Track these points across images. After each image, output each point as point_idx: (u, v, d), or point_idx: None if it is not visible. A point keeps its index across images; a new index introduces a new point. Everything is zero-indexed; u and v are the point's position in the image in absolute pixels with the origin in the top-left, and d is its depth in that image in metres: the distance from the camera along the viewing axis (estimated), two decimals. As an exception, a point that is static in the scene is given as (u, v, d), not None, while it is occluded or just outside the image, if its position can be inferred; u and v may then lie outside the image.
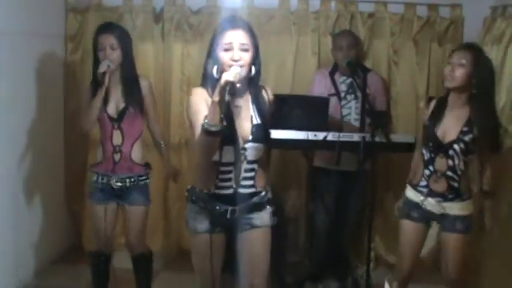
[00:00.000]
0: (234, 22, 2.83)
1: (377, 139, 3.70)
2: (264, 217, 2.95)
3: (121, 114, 3.60)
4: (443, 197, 3.31)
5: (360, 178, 4.14)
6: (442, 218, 3.33)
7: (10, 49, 4.02)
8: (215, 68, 2.76)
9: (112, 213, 3.70)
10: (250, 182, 2.90)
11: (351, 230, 4.64)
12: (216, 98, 2.54)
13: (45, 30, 4.63)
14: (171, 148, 4.90)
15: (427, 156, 3.34)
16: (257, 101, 2.89)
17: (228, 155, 2.79)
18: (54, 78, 4.79)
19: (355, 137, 3.85)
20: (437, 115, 3.32)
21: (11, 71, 4.04)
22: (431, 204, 3.33)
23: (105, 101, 3.57)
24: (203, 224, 2.92)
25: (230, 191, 2.87)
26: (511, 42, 4.02)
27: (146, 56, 4.89)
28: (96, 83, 3.54)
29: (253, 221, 2.93)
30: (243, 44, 2.75)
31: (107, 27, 3.65)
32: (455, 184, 3.28)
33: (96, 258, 3.80)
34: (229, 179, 2.86)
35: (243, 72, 2.72)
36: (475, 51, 3.27)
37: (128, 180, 3.64)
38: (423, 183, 3.37)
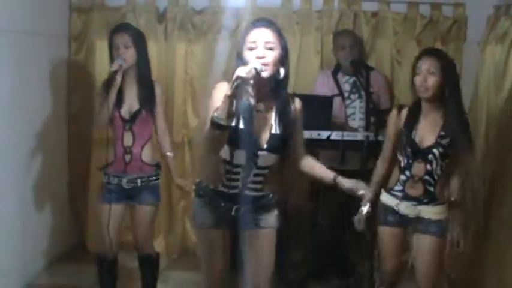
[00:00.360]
0: (260, 21, 2.79)
1: (380, 138, 3.70)
2: (269, 219, 2.95)
3: (134, 116, 3.61)
4: (418, 200, 3.30)
5: (363, 177, 4.12)
6: (417, 221, 3.31)
7: (14, 48, 4.03)
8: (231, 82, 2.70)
9: (120, 214, 3.70)
10: (258, 186, 2.89)
11: (353, 228, 4.62)
12: (229, 92, 2.50)
13: (49, 30, 4.64)
14: (173, 148, 4.90)
15: (404, 162, 3.32)
16: (281, 110, 2.81)
17: (238, 158, 2.78)
18: (58, 77, 4.79)
19: (359, 136, 3.86)
20: (412, 121, 3.30)
21: (15, 70, 4.05)
22: (406, 207, 3.32)
23: (119, 101, 3.57)
24: (208, 219, 2.92)
25: (235, 190, 2.86)
26: (515, 41, 4.01)
27: (149, 55, 4.88)
28: (110, 81, 3.55)
29: (259, 221, 2.92)
30: (267, 43, 2.69)
31: (121, 27, 3.70)
32: (431, 188, 3.28)
33: (102, 261, 3.78)
34: (237, 180, 2.85)
35: (267, 71, 2.66)
36: (442, 57, 3.27)
37: (139, 180, 3.64)
38: (398, 187, 3.36)
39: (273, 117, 2.82)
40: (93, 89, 4.78)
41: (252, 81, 2.54)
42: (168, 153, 3.85)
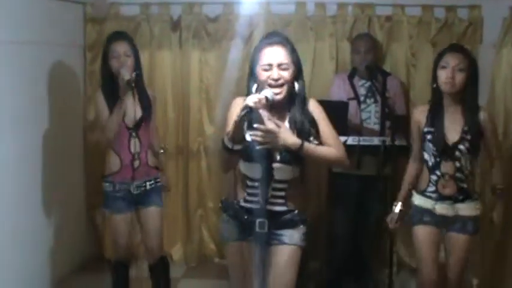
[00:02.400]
0: (273, 38, 2.80)
1: (397, 143, 3.69)
2: (294, 235, 2.87)
3: (138, 123, 3.64)
4: (453, 199, 3.30)
5: (380, 182, 4.10)
6: (454, 220, 3.31)
7: (29, 59, 4.07)
8: (255, 86, 2.74)
9: (132, 221, 3.75)
10: (281, 201, 2.83)
11: (372, 234, 4.60)
12: (237, 117, 2.52)
13: (64, 40, 4.67)
14: (189, 155, 4.95)
15: (431, 161, 3.32)
16: (294, 120, 2.78)
17: (255, 172, 2.77)
18: (74, 87, 4.82)
19: (376, 141, 3.85)
20: (435, 119, 3.30)
21: (31, 81, 4.08)
22: (443, 208, 3.31)
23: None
24: (233, 234, 2.89)
25: (258, 206, 2.81)
26: (531, 43, 3.98)
27: (164, 64, 4.91)
28: (107, 91, 3.59)
29: (282, 237, 2.86)
30: (281, 64, 2.71)
31: (120, 35, 3.71)
32: (464, 185, 3.29)
33: (118, 268, 3.82)
34: (257, 195, 2.81)
35: (281, 95, 2.69)
36: (468, 54, 3.30)
37: (147, 183, 3.70)
38: (431, 188, 3.34)
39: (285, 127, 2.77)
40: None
41: (261, 110, 2.60)
42: (161, 151, 3.93)
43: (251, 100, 2.54)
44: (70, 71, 4.73)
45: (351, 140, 3.86)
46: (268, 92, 2.63)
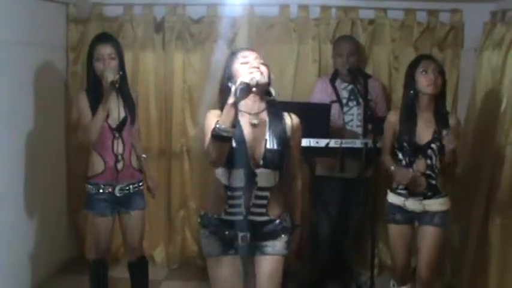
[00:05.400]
0: (244, 48, 2.94)
1: (379, 145, 3.71)
2: (277, 245, 2.87)
3: (121, 124, 3.62)
4: (423, 195, 3.49)
5: (362, 185, 4.12)
6: (423, 215, 3.51)
7: (11, 59, 4.03)
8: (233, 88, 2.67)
9: (113, 222, 3.74)
10: (262, 210, 2.81)
11: (354, 236, 4.63)
12: (231, 100, 2.51)
13: (47, 41, 4.64)
14: (172, 156, 4.96)
15: (405, 160, 3.54)
16: (274, 125, 2.80)
17: (237, 180, 2.74)
18: (56, 88, 4.79)
19: (358, 143, 3.86)
20: (409, 120, 3.51)
21: (12, 81, 4.05)
22: (412, 203, 3.51)
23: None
24: (215, 248, 2.86)
25: (240, 217, 2.79)
26: (511, 47, 4.01)
27: (147, 65, 4.90)
28: (92, 92, 3.58)
29: (265, 248, 2.86)
30: (257, 58, 2.79)
31: (105, 37, 3.69)
32: (433, 182, 3.50)
33: (97, 267, 3.79)
34: (239, 205, 2.78)
35: (264, 79, 2.67)
36: (438, 62, 3.62)
37: (131, 186, 3.68)
38: (402, 185, 3.54)
39: (267, 132, 2.79)
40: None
41: (254, 89, 2.58)
42: (143, 155, 3.90)
43: (246, 78, 2.55)
44: (52, 71, 4.70)
45: (333, 143, 3.87)
46: (255, 75, 2.62)
